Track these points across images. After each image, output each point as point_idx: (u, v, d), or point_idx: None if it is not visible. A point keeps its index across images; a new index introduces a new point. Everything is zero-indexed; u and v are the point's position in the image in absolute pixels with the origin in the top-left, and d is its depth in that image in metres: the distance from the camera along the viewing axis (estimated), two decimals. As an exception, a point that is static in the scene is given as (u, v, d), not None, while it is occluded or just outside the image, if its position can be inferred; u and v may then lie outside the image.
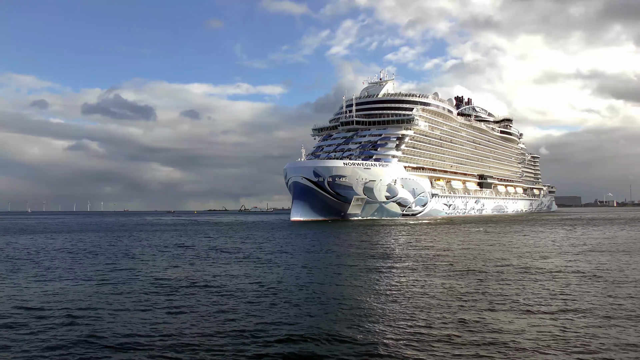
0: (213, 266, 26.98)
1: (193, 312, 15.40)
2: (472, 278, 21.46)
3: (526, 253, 32.19)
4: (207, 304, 16.49)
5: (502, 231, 58.60)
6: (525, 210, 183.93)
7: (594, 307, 15.37)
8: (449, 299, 16.80)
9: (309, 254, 33.24)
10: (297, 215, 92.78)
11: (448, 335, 12.33)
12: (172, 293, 18.68)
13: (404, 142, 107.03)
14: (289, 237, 51.20)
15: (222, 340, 12.21)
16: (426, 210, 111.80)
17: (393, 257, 30.00)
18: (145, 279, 22.20)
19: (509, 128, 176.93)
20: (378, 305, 16.14)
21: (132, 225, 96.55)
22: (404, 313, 14.87)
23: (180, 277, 22.79)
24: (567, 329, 12.82)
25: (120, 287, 20.10)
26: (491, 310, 15.17)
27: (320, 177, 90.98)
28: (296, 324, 13.76)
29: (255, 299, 17.25)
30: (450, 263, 26.81)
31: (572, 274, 22.67)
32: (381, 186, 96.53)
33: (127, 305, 16.55)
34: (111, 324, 13.94)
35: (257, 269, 25.74)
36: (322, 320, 14.22)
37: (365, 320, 14.13)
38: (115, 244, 44.13)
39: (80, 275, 23.90)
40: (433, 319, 14.09)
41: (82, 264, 28.81)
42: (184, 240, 48.16)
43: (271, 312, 15.29)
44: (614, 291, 18.11)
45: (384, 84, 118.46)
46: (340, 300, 17.08)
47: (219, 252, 35.58)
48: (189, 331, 13.11)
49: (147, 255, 33.79)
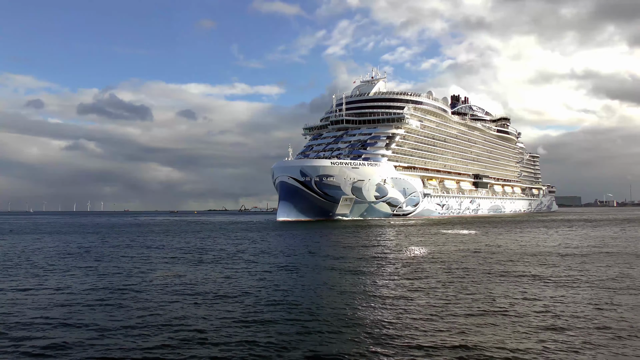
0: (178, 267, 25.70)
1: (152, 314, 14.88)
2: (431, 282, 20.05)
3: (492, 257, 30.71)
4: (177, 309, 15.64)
5: (485, 232, 57.06)
6: (523, 210, 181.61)
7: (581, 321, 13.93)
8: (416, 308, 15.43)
9: (265, 255, 31.90)
10: (284, 215, 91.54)
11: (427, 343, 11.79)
12: (123, 296, 17.72)
13: (395, 141, 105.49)
14: (261, 239, 49.89)
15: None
16: (418, 210, 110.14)
17: (354, 263, 28.59)
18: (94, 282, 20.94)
19: (506, 127, 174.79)
20: (349, 313, 14.79)
21: (120, 225, 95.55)
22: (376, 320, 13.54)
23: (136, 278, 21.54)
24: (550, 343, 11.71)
25: (62, 293, 18.85)
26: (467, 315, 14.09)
27: (307, 177, 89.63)
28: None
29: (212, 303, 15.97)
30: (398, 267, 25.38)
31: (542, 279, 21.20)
32: (370, 186, 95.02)
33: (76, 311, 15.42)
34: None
35: (213, 270, 24.43)
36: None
37: (343, 326, 13.31)
38: (86, 246, 42.94)
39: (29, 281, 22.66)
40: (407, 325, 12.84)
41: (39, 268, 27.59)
42: (158, 241, 46.93)
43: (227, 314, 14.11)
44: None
45: (376, 82, 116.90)
46: (313, 308, 15.78)
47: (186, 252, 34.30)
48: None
49: (108, 257, 32.55)
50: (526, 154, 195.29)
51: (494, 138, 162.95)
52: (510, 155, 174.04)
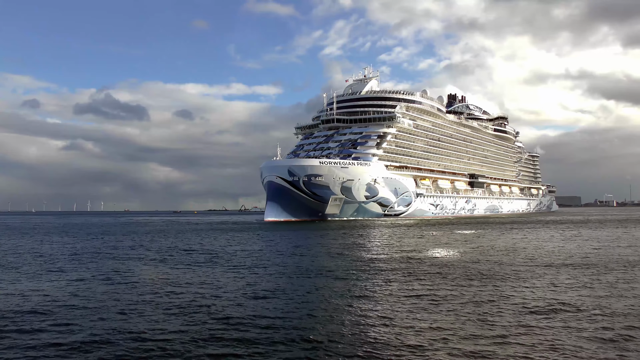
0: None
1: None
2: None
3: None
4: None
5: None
6: (522, 210, 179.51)
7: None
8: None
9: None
10: (271, 215, 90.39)
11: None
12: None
13: (386, 140, 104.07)
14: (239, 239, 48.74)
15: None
16: (410, 211, 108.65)
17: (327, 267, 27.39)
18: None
19: (503, 126, 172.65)
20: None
21: (109, 226, 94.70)
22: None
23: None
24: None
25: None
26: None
27: (295, 177, 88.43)
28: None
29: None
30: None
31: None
32: (360, 186, 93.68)
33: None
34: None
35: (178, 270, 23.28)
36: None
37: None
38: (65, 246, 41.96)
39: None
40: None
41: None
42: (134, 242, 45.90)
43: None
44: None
45: (368, 81, 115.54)
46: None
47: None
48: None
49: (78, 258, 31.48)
50: (525, 153, 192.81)
51: (491, 137, 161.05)
52: (508, 154, 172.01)
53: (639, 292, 18.12)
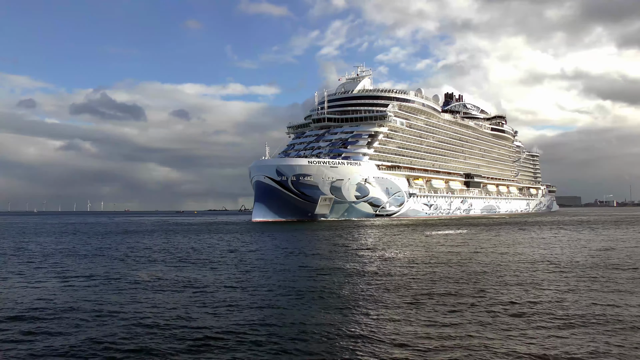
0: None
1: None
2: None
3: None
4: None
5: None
6: (521, 210, 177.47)
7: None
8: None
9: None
10: (259, 215, 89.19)
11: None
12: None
13: (377, 139, 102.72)
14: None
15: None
16: (403, 211, 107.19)
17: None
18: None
19: (501, 125, 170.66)
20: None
21: (102, 226, 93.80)
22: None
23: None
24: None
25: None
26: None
27: (283, 176, 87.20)
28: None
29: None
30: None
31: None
32: (350, 185, 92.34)
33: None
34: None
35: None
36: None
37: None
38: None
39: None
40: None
41: None
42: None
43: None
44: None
45: (361, 79, 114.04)
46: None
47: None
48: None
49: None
50: (524, 152, 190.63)
51: (488, 136, 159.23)
52: (505, 154, 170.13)
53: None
